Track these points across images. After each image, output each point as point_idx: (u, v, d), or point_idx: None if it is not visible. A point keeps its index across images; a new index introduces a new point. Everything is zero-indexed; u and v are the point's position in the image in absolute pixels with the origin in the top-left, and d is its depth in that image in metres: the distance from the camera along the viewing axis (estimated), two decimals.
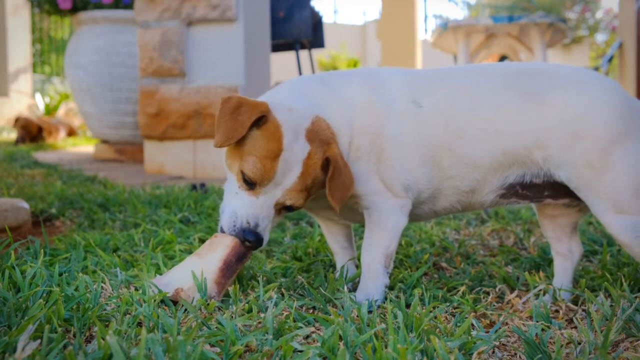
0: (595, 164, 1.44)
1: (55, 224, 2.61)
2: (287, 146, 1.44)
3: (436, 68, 1.70)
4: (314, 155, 1.46)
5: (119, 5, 5.65)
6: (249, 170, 1.44)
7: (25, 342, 1.03)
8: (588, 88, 1.49)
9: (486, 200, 1.61)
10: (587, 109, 1.46)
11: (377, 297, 1.53)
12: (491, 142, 1.52)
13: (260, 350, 1.17)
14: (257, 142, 1.45)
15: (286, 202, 1.48)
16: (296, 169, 1.45)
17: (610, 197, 1.44)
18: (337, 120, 1.54)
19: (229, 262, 1.47)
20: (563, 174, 1.49)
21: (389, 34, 11.14)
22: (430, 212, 1.68)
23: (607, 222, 1.47)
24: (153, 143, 4.83)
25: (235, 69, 4.62)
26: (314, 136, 1.47)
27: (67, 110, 11.72)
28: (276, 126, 1.45)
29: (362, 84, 1.60)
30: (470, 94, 1.55)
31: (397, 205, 1.58)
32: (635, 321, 1.31)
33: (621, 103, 1.47)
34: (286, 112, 1.47)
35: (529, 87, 1.51)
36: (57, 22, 13.84)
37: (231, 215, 1.48)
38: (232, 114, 1.44)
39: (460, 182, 1.57)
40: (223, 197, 1.56)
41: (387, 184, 1.57)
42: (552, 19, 6.66)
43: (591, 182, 1.45)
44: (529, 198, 1.59)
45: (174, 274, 1.50)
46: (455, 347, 1.16)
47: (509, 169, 1.54)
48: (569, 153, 1.46)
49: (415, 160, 1.55)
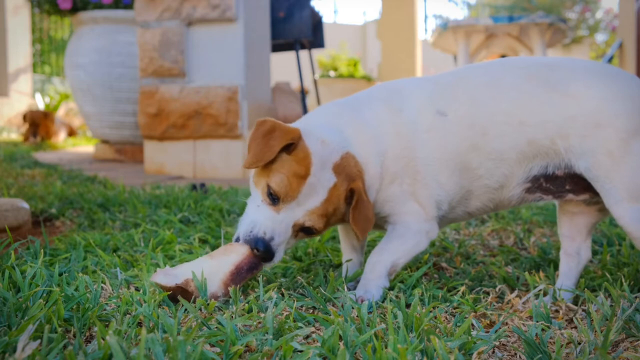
0: (614, 153, 1.47)
1: (55, 224, 2.61)
2: (314, 173, 1.50)
3: (454, 70, 1.73)
4: (340, 187, 1.52)
5: (119, 5, 5.65)
6: (275, 184, 1.49)
7: (25, 342, 1.03)
8: (610, 80, 1.52)
9: (514, 195, 1.64)
10: (609, 99, 1.49)
11: (376, 297, 1.54)
12: (516, 134, 1.55)
13: (260, 350, 1.16)
14: (286, 163, 1.50)
15: (305, 223, 1.53)
16: (321, 195, 1.51)
17: (627, 187, 1.47)
18: (367, 153, 1.59)
19: (240, 268, 1.48)
20: (583, 163, 1.52)
21: (389, 34, 11.14)
22: (464, 214, 1.72)
23: (620, 213, 1.49)
24: (153, 143, 4.83)
25: (235, 69, 4.61)
26: (341, 170, 1.53)
27: (67, 110, 11.72)
28: (306, 153, 1.50)
29: (387, 109, 1.64)
30: (491, 89, 1.59)
31: (425, 229, 1.64)
32: (635, 321, 1.31)
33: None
34: (318, 143, 1.53)
35: (550, 78, 1.55)
36: (57, 22, 13.84)
37: (249, 223, 1.53)
38: (264, 137, 1.50)
39: (489, 180, 1.62)
40: (245, 211, 1.59)
41: (420, 202, 1.63)
42: (552, 19, 6.66)
43: (609, 172, 1.48)
44: (552, 193, 1.62)
45: (184, 267, 1.50)
46: (455, 347, 1.16)
47: (533, 160, 1.57)
48: (589, 142, 1.50)
49: (446, 172, 1.61)
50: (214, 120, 4.61)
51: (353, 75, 11.21)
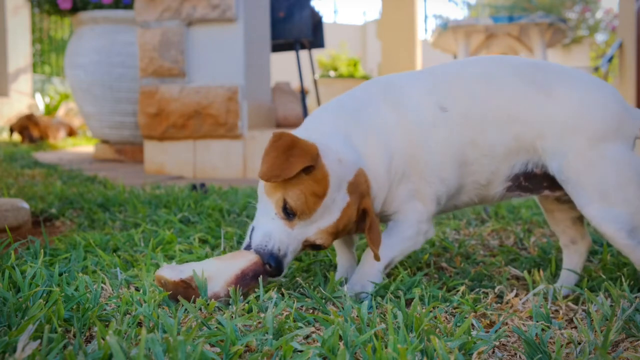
0: (586, 156, 1.53)
1: (55, 224, 2.61)
2: (331, 194, 1.50)
3: (448, 63, 1.75)
4: (352, 206, 1.54)
5: (119, 5, 5.65)
6: (293, 201, 1.48)
7: (25, 342, 1.03)
8: (590, 88, 1.58)
9: (497, 193, 1.69)
10: (588, 106, 1.55)
11: (370, 291, 1.58)
12: (505, 129, 1.60)
13: (260, 350, 1.16)
14: (304, 181, 1.49)
15: (316, 241, 1.54)
16: (334, 215, 1.52)
17: (597, 189, 1.52)
18: (376, 164, 1.60)
19: (245, 274, 1.48)
20: (555, 165, 1.56)
21: (389, 34, 11.14)
22: (451, 206, 1.76)
23: (591, 214, 1.53)
24: (153, 143, 4.83)
25: (235, 69, 4.62)
26: (354, 189, 1.54)
27: (67, 110, 11.72)
28: (324, 174, 1.50)
29: (390, 107, 1.64)
30: (486, 84, 1.62)
31: (424, 229, 1.68)
32: (635, 321, 1.31)
33: (618, 107, 1.57)
34: (336, 162, 1.53)
35: (537, 78, 1.60)
36: (57, 22, 13.84)
37: (265, 235, 1.51)
38: (284, 152, 1.47)
39: (480, 176, 1.66)
40: (255, 216, 1.59)
41: (423, 199, 1.66)
42: (552, 19, 6.66)
43: (580, 174, 1.53)
44: (530, 190, 1.67)
45: (191, 265, 1.50)
46: (455, 347, 1.16)
47: (516, 156, 1.62)
48: (564, 143, 1.55)
49: (449, 168, 1.64)
50: (214, 120, 4.61)
51: (353, 75, 11.21)
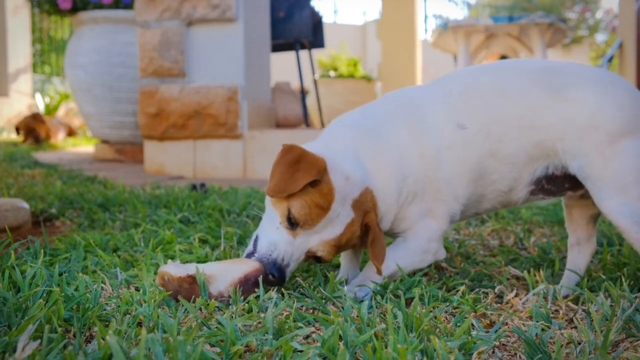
0: (606, 153, 1.56)
1: (55, 224, 2.61)
2: (335, 209, 1.52)
3: (459, 74, 1.76)
4: (356, 222, 1.56)
5: (119, 5, 5.65)
6: (297, 210, 1.50)
7: (25, 342, 1.03)
8: (606, 86, 1.61)
9: (520, 197, 1.70)
10: (605, 104, 1.58)
11: (370, 294, 1.58)
12: (525, 137, 1.62)
13: (260, 350, 1.16)
14: (310, 193, 1.51)
15: (317, 253, 1.56)
16: (338, 229, 1.54)
17: (616, 183, 1.55)
18: (386, 185, 1.61)
19: (248, 278, 1.49)
20: (576, 164, 1.59)
21: (389, 34, 11.13)
22: (472, 214, 1.79)
23: (609, 208, 1.56)
24: (153, 143, 4.83)
25: (235, 69, 4.61)
26: (359, 206, 1.56)
27: (67, 110, 11.72)
28: (330, 189, 1.51)
29: (409, 128, 1.65)
30: (502, 95, 1.64)
31: (434, 249, 1.70)
32: (635, 321, 1.31)
33: (634, 102, 1.60)
34: (343, 179, 1.54)
35: (553, 83, 1.62)
36: (57, 22, 13.84)
37: (270, 244, 1.53)
38: (290, 167, 1.49)
39: (501, 184, 1.68)
40: (260, 225, 1.61)
41: (436, 218, 1.68)
42: (552, 19, 6.66)
43: (600, 170, 1.56)
44: (552, 193, 1.70)
45: (193, 265, 1.51)
46: (455, 347, 1.16)
47: (537, 161, 1.65)
48: (584, 143, 1.58)
49: (464, 185, 1.66)
50: (214, 120, 4.61)
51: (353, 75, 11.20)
